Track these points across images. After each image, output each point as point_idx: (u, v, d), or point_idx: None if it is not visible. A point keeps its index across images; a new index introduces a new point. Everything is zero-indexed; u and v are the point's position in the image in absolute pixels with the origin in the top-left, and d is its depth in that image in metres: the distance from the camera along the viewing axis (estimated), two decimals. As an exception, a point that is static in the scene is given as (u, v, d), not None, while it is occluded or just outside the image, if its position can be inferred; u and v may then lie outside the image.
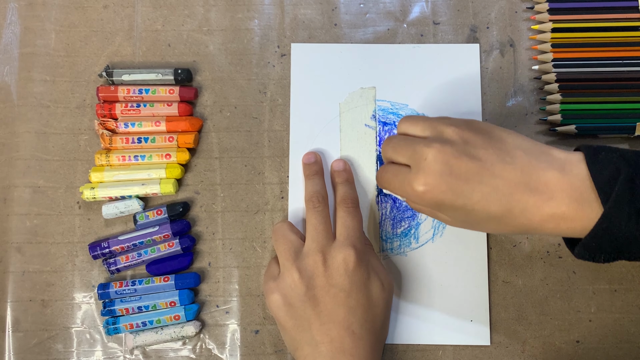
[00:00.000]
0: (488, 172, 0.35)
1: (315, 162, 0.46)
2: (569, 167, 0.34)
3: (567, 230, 0.34)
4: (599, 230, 0.33)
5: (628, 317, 0.45)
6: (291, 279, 0.40)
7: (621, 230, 0.32)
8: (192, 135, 0.47)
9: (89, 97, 0.48)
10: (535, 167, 0.35)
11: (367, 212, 0.46)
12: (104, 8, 0.50)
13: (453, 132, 0.36)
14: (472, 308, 0.45)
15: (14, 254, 0.46)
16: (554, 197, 0.34)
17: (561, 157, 0.35)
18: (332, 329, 0.39)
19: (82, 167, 0.47)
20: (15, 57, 0.49)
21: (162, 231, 0.45)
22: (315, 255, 0.40)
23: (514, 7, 0.50)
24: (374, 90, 0.48)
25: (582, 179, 0.34)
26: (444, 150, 0.35)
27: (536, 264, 0.46)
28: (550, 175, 0.34)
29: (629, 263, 0.45)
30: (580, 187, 0.33)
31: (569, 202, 0.33)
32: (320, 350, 0.39)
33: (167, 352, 0.45)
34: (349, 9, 0.50)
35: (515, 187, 0.34)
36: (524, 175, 0.34)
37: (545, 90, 0.48)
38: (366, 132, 0.48)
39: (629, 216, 0.32)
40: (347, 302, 0.39)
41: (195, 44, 0.49)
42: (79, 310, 0.45)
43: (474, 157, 0.35)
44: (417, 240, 0.46)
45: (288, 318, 0.40)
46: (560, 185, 0.34)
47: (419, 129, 0.38)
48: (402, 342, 0.44)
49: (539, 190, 0.34)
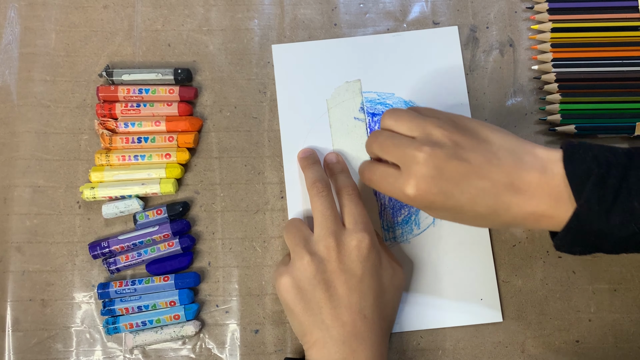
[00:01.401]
0: (476, 174, 0.36)
1: (311, 155, 0.46)
2: (550, 166, 0.35)
3: (547, 225, 0.36)
4: (572, 225, 0.34)
5: (628, 317, 0.45)
6: (301, 263, 0.40)
7: (592, 227, 0.34)
8: (192, 135, 0.47)
9: (89, 97, 0.48)
10: (519, 167, 0.36)
11: (366, 204, 0.46)
12: (104, 8, 0.50)
13: (442, 134, 0.37)
14: (480, 287, 0.45)
15: (14, 253, 0.46)
16: (535, 197, 0.35)
17: (543, 156, 0.36)
18: (344, 313, 0.39)
19: (82, 166, 0.47)
20: (16, 57, 0.49)
21: (162, 231, 0.45)
22: (326, 240, 0.40)
23: (514, 7, 0.50)
24: (359, 82, 0.48)
25: (560, 178, 0.35)
26: (435, 153, 0.36)
27: (536, 264, 0.46)
28: (532, 176, 0.35)
29: (628, 263, 0.45)
30: (558, 186, 0.35)
31: (548, 201, 0.35)
32: (331, 334, 0.39)
33: (167, 352, 0.45)
34: (348, 9, 0.50)
35: (501, 188, 0.35)
36: (508, 176, 0.35)
37: (544, 90, 0.48)
38: (356, 125, 0.48)
39: (598, 214, 0.33)
40: (359, 287, 0.40)
41: (195, 44, 0.49)
42: (79, 310, 0.45)
43: (463, 160, 0.36)
44: (419, 226, 0.46)
45: (297, 301, 0.40)
46: (541, 185, 0.35)
47: (406, 128, 0.38)
48: (414, 329, 0.44)
49: (522, 190, 0.35)
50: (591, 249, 0.36)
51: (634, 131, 0.46)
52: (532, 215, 0.35)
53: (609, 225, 0.33)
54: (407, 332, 0.45)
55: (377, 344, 0.39)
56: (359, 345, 0.38)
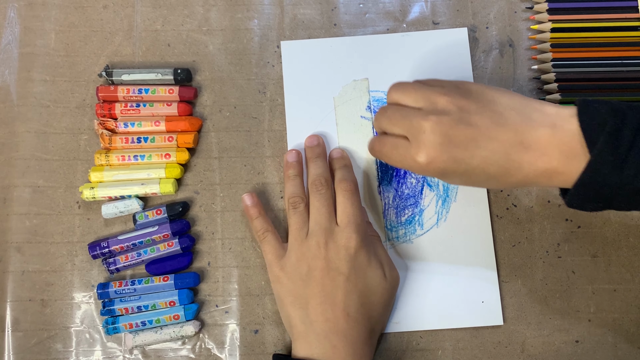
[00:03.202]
0: (484, 137, 0.36)
1: (317, 145, 0.46)
2: (560, 123, 0.35)
3: (559, 182, 0.36)
4: (585, 178, 0.34)
5: (628, 317, 0.45)
6: (295, 258, 0.41)
7: (606, 179, 0.33)
8: (192, 135, 0.47)
9: (89, 97, 0.48)
10: (527, 125, 0.36)
11: (370, 203, 0.47)
12: (104, 8, 0.50)
13: (447, 102, 0.37)
14: (482, 289, 0.45)
15: (13, 253, 0.46)
16: (546, 153, 0.35)
17: (552, 112, 0.36)
18: (328, 309, 0.40)
19: (82, 166, 0.47)
20: (15, 57, 0.49)
21: (162, 231, 0.45)
22: (318, 237, 0.41)
23: (514, 7, 0.50)
24: (367, 81, 0.48)
25: (573, 133, 0.34)
26: (441, 121, 0.36)
27: (536, 264, 0.46)
28: (541, 132, 0.35)
29: (628, 263, 0.45)
30: (570, 142, 0.34)
31: (559, 157, 0.35)
32: (314, 328, 0.40)
33: (167, 352, 0.45)
34: (348, 9, 0.50)
35: (510, 147, 0.35)
36: (517, 134, 0.35)
37: (544, 90, 0.48)
38: (362, 124, 0.48)
39: (613, 165, 0.33)
40: (345, 286, 0.40)
41: (194, 44, 0.49)
42: (79, 310, 0.45)
43: (469, 124, 0.36)
44: (422, 226, 0.46)
45: (286, 294, 0.41)
46: (551, 141, 0.35)
47: (412, 99, 0.39)
48: (415, 329, 0.44)
49: (532, 147, 0.35)
50: (604, 205, 0.35)
51: (634, 131, 0.46)
52: (544, 172, 0.35)
53: (622, 177, 0.33)
54: (407, 332, 0.45)
55: (360, 342, 0.40)
56: (339, 342, 0.39)
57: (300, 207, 0.43)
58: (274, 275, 0.42)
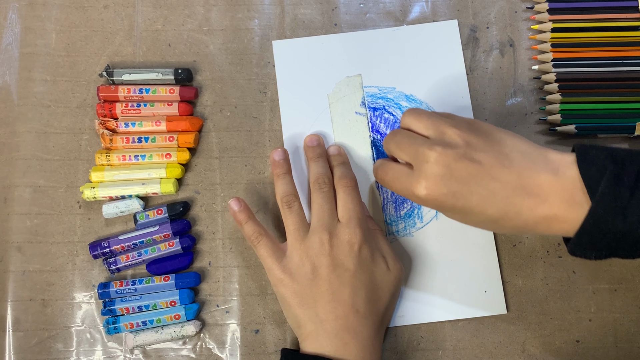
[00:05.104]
0: (487, 175, 0.35)
1: (318, 145, 0.46)
2: (562, 169, 0.35)
3: (559, 230, 0.35)
4: (587, 226, 0.33)
5: (628, 317, 0.45)
6: (298, 257, 0.41)
7: (608, 226, 0.33)
8: (193, 134, 0.47)
9: (90, 96, 0.48)
10: (531, 170, 0.35)
11: (369, 198, 0.47)
12: (105, 8, 0.50)
13: (455, 135, 0.37)
14: (484, 279, 0.45)
15: (14, 253, 0.46)
16: (547, 200, 0.34)
17: (556, 159, 0.36)
18: (337, 307, 0.40)
19: (83, 166, 0.47)
20: (16, 57, 0.49)
21: (163, 231, 0.45)
22: (321, 234, 0.41)
23: (514, 7, 0.50)
24: (360, 77, 0.48)
25: (574, 180, 0.34)
26: (446, 153, 0.36)
27: (536, 264, 0.46)
28: (544, 178, 0.35)
29: (628, 262, 0.45)
30: (572, 189, 0.34)
31: (560, 204, 0.34)
32: (324, 327, 0.39)
33: (167, 352, 0.45)
34: (349, 9, 0.50)
35: (512, 190, 0.35)
36: (520, 178, 0.35)
37: (545, 90, 0.48)
38: (357, 120, 0.48)
39: (614, 212, 0.32)
40: (352, 282, 0.40)
41: (195, 44, 0.49)
42: (79, 310, 0.45)
43: (474, 160, 0.36)
44: (422, 219, 0.46)
45: (292, 295, 0.41)
46: (553, 188, 0.34)
47: (422, 127, 0.39)
48: (418, 322, 0.45)
49: (534, 193, 0.35)
50: (607, 253, 0.34)
51: (634, 131, 0.46)
52: (544, 219, 0.35)
53: (626, 224, 0.32)
54: (407, 332, 0.45)
55: (370, 338, 0.40)
56: (350, 339, 0.39)
57: (295, 205, 0.43)
58: (276, 278, 0.41)
